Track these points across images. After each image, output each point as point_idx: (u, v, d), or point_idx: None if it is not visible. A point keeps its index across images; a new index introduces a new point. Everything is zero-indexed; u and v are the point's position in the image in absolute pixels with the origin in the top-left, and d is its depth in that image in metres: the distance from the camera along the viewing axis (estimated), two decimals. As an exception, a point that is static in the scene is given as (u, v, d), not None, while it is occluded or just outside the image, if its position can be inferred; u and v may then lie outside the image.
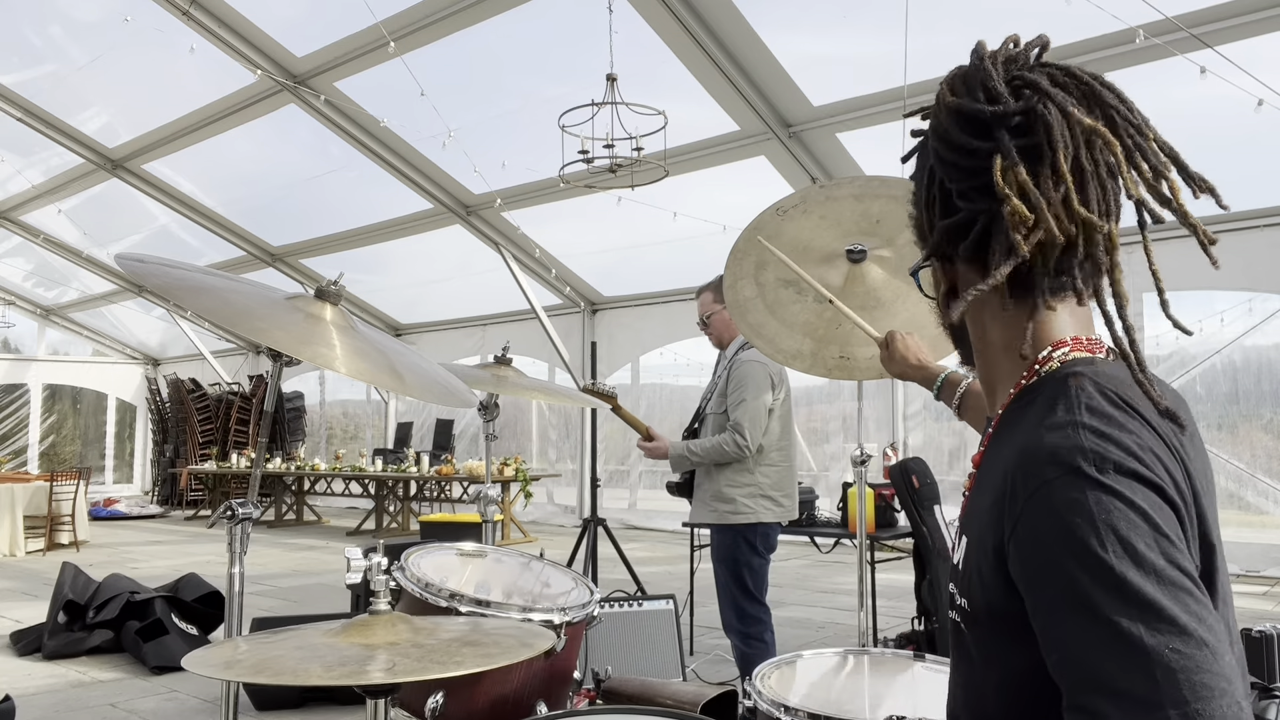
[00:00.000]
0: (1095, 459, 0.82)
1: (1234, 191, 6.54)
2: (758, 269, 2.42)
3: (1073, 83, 0.96)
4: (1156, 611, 0.76)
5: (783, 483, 3.79)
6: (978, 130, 0.95)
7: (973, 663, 0.96)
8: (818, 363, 2.33)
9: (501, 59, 8.32)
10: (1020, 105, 0.93)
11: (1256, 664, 3.60)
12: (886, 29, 6.29)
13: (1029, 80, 0.95)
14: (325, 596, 7.20)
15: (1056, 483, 0.83)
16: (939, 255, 1.04)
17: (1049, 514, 0.82)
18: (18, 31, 9.54)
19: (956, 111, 0.97)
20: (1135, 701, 0.74)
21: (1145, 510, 0.80)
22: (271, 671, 1.38)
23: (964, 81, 0.98)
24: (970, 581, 0.94)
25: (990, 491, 0.92)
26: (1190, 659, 0.74)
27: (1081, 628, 0.78)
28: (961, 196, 0.97)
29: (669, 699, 2.31)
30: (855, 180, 2.47)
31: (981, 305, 1.01)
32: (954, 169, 0.97)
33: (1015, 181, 0.91)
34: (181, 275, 1.80)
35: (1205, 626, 0.76)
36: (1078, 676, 0.78)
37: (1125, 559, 0.78)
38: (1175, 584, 0.77)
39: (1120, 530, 0.79)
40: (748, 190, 8.44)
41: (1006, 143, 0.92)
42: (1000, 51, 1.00)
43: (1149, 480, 0.83)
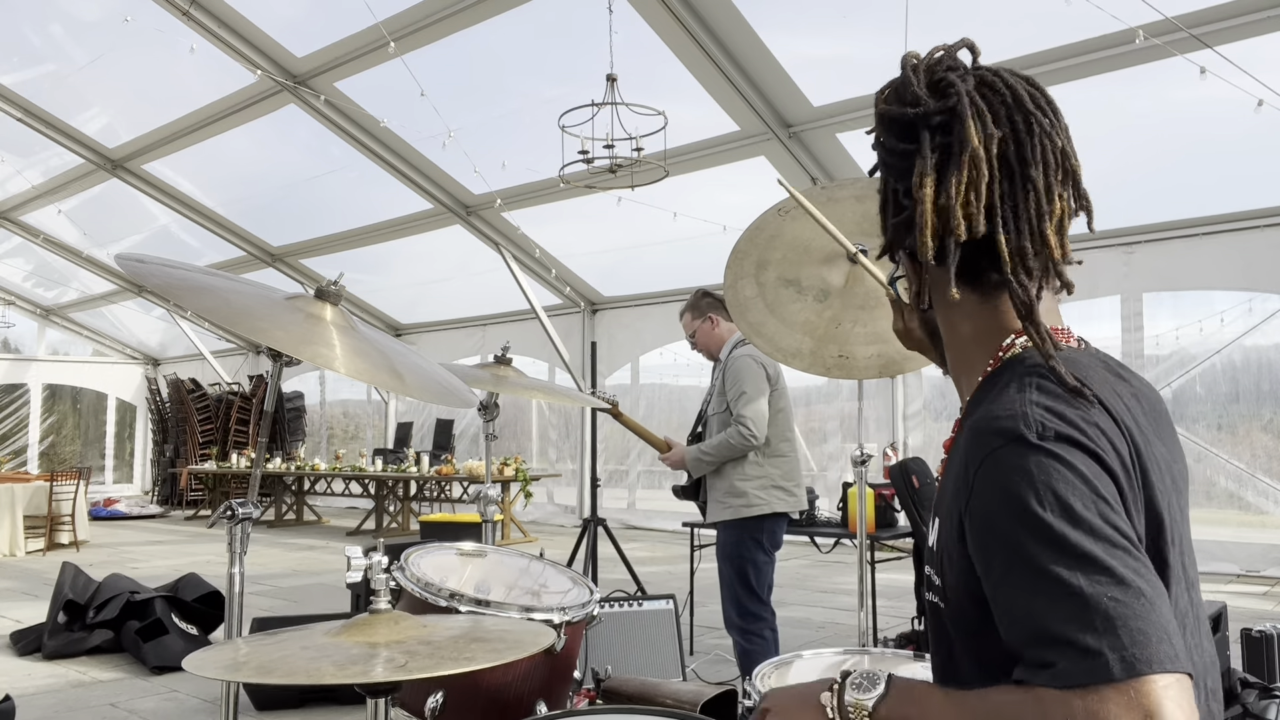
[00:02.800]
0: (1037, 427, 0.87)
1: (1234, 191, 6.54)
2: (758, 269, 2.42)
3: (999, 83, 1.00)
4: (1093, 563, 0.79)
5: (791, 473, 3.86)
6: (904, 133, 1.02)
7: (950, 641, 0.99)
8: (816, 362, 2.33)
9: (501, 59, 8.32)
10: (939, 105, 0.99)
11: (1257, 664, 3.60)
12: (886, 29, 6.29)
13: (950, 80, 1.00)
14: (325, 596, 7.20)
15: (1001, 450, 0.87)
16: (905, 254, 1.10)
17: (994, 480, 0.87)
18: (18, 31, 9.55)
19: (885, 117, 1.05)
20: (1077, 648, 0.76)
21: (1083, 473, 0.84)
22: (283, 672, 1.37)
23: (895, 90, 1.05)
24: (943, 561, 0.97)
25: (953, 472, 0.97)
26: (1128, 606, 0.77)
27: (1024, 583, 0.81)
28: (905, 195, 1.03)
29: (669, 699, 2.31)
30: (857, 181, 2.47)
31: (950, 302, 1.06)
32: (892, 170, 1.05)
33: (930, 182, 0.98)
34: (181, 275, 1.80)
35: (1143, 579, 0.79)
36: (1023, 632, 0.81)
37: (1062, 516, 0.82)
38: (1112, 541, 0.81)
39: (1058, 490, 0.83)
40: (748, 190, 8.44)
41: (925, 144, 0.99)
42: (926, 58, 1.06)
43: (1087, 448, 0.87)
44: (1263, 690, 3.09)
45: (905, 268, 1.12)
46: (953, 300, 1.03)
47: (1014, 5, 6.16)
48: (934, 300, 1.10)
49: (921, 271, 1.08)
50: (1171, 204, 7.50)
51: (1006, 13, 6.26)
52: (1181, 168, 7.35)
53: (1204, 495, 7.68)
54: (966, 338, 1.07)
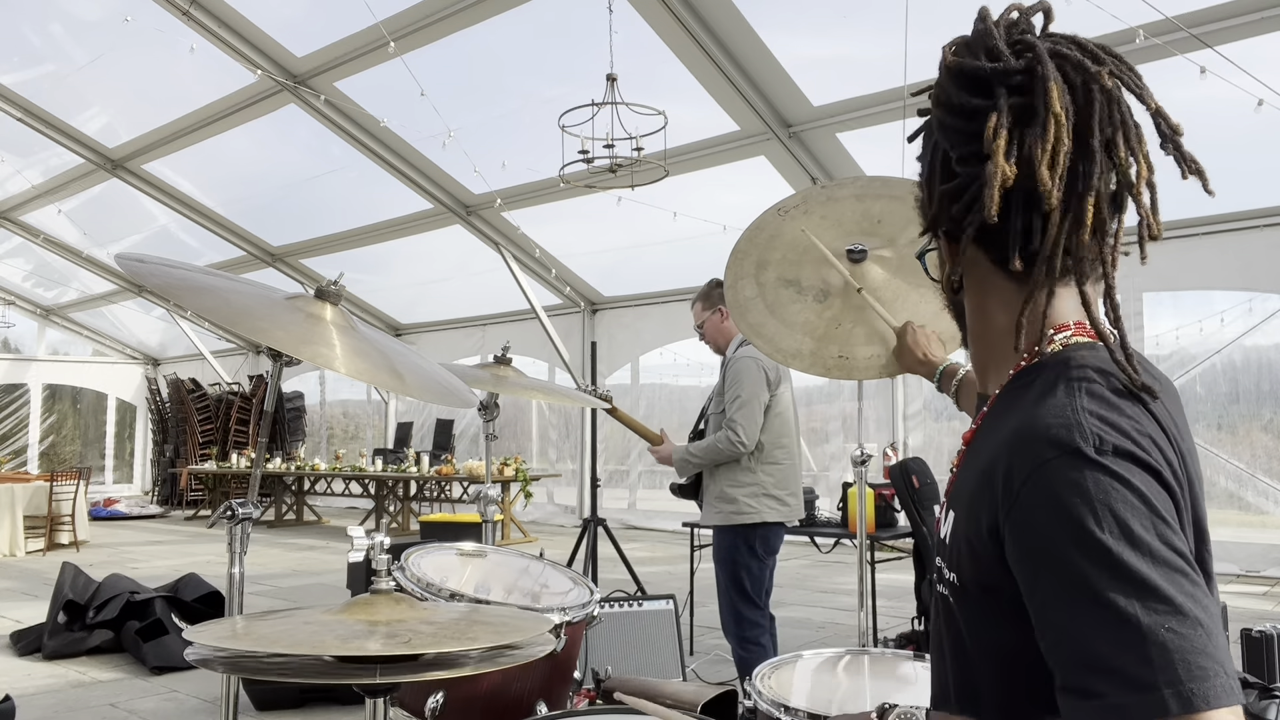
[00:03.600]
0: (1094, 440, 0.83)
1: (1234, 191, 6.51)
2: (758, 269, 2.42)
3: (1076, 48, 0.95)
4: (1152, 591, 0.76)
5: (786, 481, 3.74)
6: (977, 88, 0.95)
7: (961, 638, 0.96)
8: (817, 362, 2.33)
9: (501, 59, 8.31)
10: (1020, 64, 0.93)
11: (1257, 664, 3.60)
12: (886, 29, 6.29)
13: (1030, 43, 0.95)
14: (325, 596, 7.20)
15: (1054, 463, 0.83)
16: (943, 230, 1.03)
17: (1046, 494, 0.82)
18: (18, 31, 9.55)
19: (958, 70, 0.97)
20: (1130, 680, 0.74)
21: (1142, 492, 0.80)
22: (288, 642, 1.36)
23: (967, 45, 0.99)
24: (960, 556, 0.94)
25: (982, 469, 0.92)
26: (1186, 639, 0.74)
27: (1077, 607, 0.78)
28: (960, 161, 0.97)
29: (669, 699, 2.31)
30: (857, 180, 2.47)
31: (987, 286, 1.01)
32: (953, 133, 0.98)
33: (1004, 141, 0.91)
34: (181, 275, 1.80)
35: (1200, 607, 0.76)
36: (1071, 656, 0.78)
37: (1122, 540, 0.78)
38: (1171, 565, 0.77)
39: (1118, 511, 0.79)
40: (748, 190, 8.45)
41: (1003, 101, 0.92)
42: (1005, 14, 1.00)
43: (1146, 464, 0.83)
44: (1263, 690, 3.09)
45: (940, 247, 1.06)
46: (993, 288, 0.98)
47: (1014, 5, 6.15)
48: (967, 284, 1.04)
49: (957, 252, 1.03)
50: (1171, 204, 7.41)
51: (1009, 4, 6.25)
52: (1181, 167, 7.35)
53: (1204, 495, 7.68)
54: (1000, 328, 1.01)
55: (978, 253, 1.00)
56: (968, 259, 1.02)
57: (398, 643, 1.36)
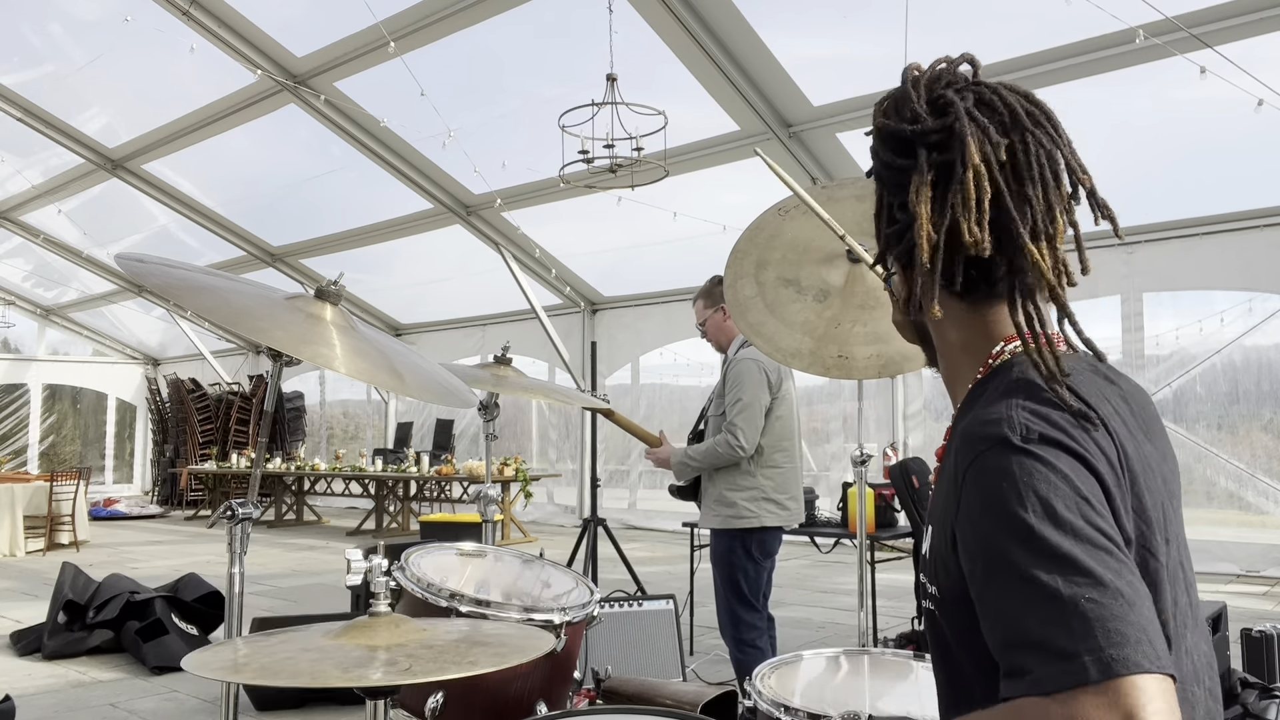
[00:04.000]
0: (1021, 429, 0.87)
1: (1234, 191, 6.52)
2: (758, 268, 2.42)
3: (998, 101, 1.00)
4: (1073, 565, 0.78)
5: (787, 485, 3.70)
6: (901, 149, 1.02)
7: (950, 649, 0.98)
8: (816, 361, 2.33)
9: (501, 59, 8.31)
10: (937, 123, 0.99)
11: (1256, 664, 3.60)
12: (886, 29, 6.29)
13: (949, 99, 1.00)
14: (325, 596, 7.20)
15: (986, 454, 0.88)
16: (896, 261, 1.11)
17: (978, 483, 0.87)
18: (17, 31, 9.55)
19: (884, 133, 1.05)
20: (1053, 651, 0.76)
21: (1066, 475, 0.84)
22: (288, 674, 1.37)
23: (894, 104, 1.05)
24: (937, 568, 0.97)
25: (944, 480, 0.97)
26: (1105, 607, 0.76)
27: (1005, 586, 0.81)
28: (900, 208, 1.04)
29: (669, 699, 2.32)
30: (857, 181, 2.47)
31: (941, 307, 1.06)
32: (889, 184, 1.06)
33: (927, 199, 0.98)
34: (181, 275, 1.80)
35: (1124, 581, 0.78)
36: (1003, 637, 0.80)
37: (1044, 518, 0.81)
38: (1093, 542, 0.80)
39: (1040, 491, 0.82)
40: (748, 190, 8.43)
41: (923, 161, 0.99)
42: (926, 72, 1.06)
43: (1072, 450, 0.86)
44: (1263, 690, 3.09)
45: (897, 274, 1.12)
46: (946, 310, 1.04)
47: (1014, 5, 6.15)
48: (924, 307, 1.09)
49: (912, 279, 1.08)
50: (1171, 204, 7.50)
51: (1006, 12, 6.25)
52: (1181, 168, 7.36)
53: (1204, 495, 7.68)
54: (956, 346, 1.08)
55: (929, 278, 1.04)
56: (922, 285, 1.07)
57: (398, 670, 1.37)
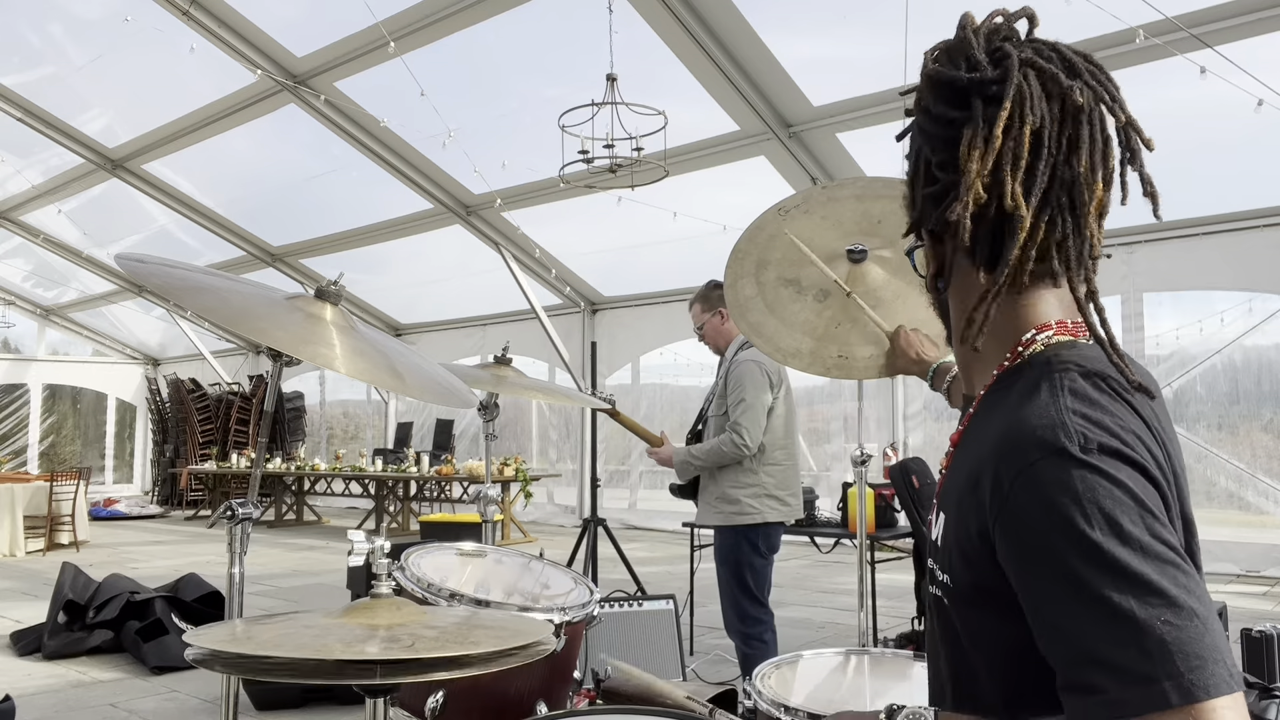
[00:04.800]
0: (1080, 439, 0.83)
1: (1234, 191, 6.50)
2: (758, 268, 2.42)
3: (1057, 57, 0.95)
4: (1146, 585, 0.76)
5: (787, 481, 3.79)
6: (954, 99, 0.95)
7: (958, 638, 0.96)
8: (816, 361, 2.33)
9: (501, 59, 8.31)
10: (997, 74, 0.93)
11: (1257, 664, 3.60)
12: (886, 29, 6.29)
13: (1008, 51, 0.95)
14: (325, 596, 7.20)
15: (1041, 464, 0.83)
16: (928, 233, 1.04)
17: (1035, 495, 0.83)
18: (17, 31, 9.54)
19: (935, 79, 0.98)
20: (1130, 674, 0.74)
21: (1130, 488, 0.81)
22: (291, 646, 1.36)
23: (947, 53, 0.99)
24: (951, 558, 0.94)
25: (969, 471, 0.93)
26: (1182, 630, 0.75)
27: (1073, 605, 0.79)
28: (940, 167, 0.97)
29: (669, 699, 2.31)
30: (857, 181, 2.47)
31: (970, 286, 1.01)
32: (933, 139, 0.98)
33: (980, 154, 0.92)
34: (181, 275, 1.80)
35: (1195, 598, 0.77)
36: (1071, 653, 0.79)
37: (1112, 536, 0.78)
38: (1162, 558, 0.78)
39: (1106, 508, 0.79)
40: (748, 190, 8.44)
41: (978, 112, 0.93)
42: (985, 23, 1.00)
43: (1132, 459, 0.83)
44: (1263, 690, 3.09)
45: (926, 246, 1.06)
46: (976, 290, 0.98)
47: (1014, 5, 6.15)
48: (951, 285, 1.05)
49: (943, 251, 1.03)
50: (1171, 204, 7.47)
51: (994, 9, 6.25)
52: (1181, 168, 7.35)
53: (1204, 495, 7.68)
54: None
55: (961, 254, 1.00)
56: (954, 259, 1.02)
57: (401, 647, 1.36)
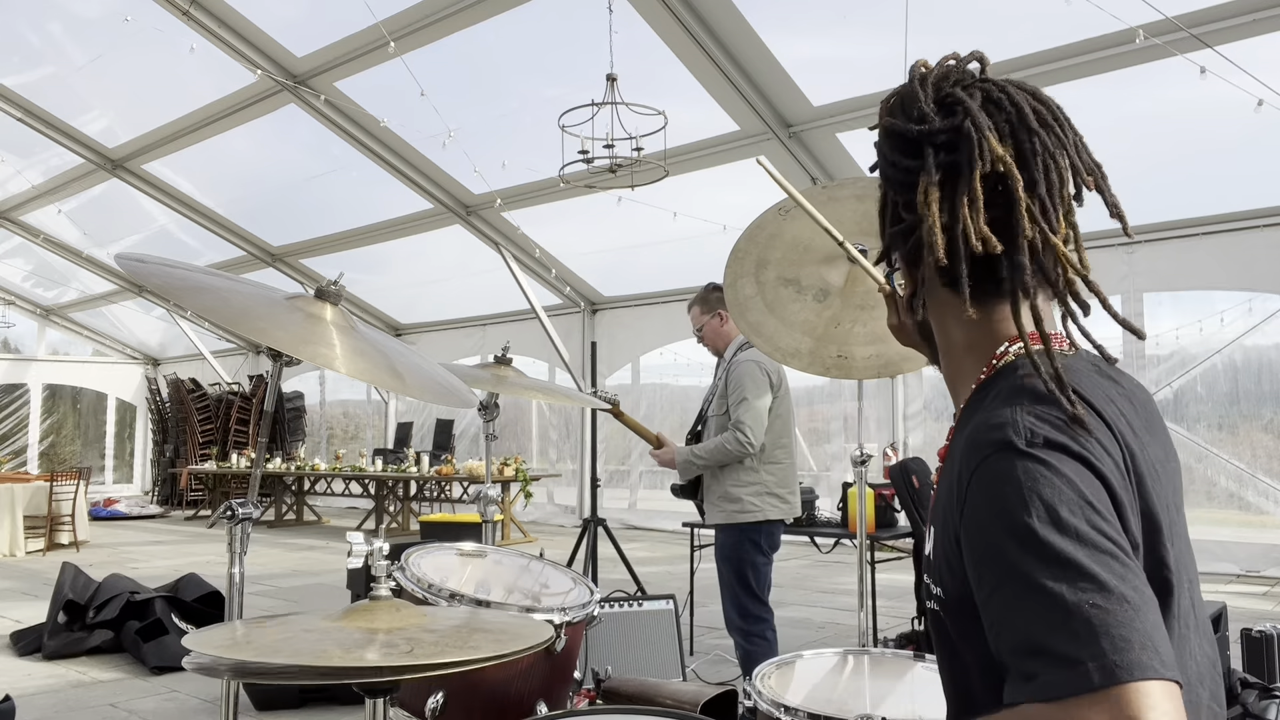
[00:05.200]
0: (1026, 434, 0.86)
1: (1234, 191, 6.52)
2: (758, 268, 2.42)
3: (1005, 99, 0.99)
4: (1077, 569, 0.78)
5: (787, 480, 3.84)
6: (908, 149, 1.01)
7: (955, 650, 0.98)
8: (815, 361, 2.33)
9: (501, 59, 8.31)
10: (946, 124, 0.98)
11: (1256, 664, 3.60)
12: (886, 29, 6.29)
13: (957, 97, 0.99)
14: (325, 596, 7.20)
15: (990, 458, 0.87)
16: (903, 260, 1.10)
17: (982, 488, 0.87)
18: (17, 31, 9.54)
19: (890, 131, 1.04)
20: (1058, 657, 0.75)
21: (1071, 479, 0.83)
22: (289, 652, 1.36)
23: (901, 102, 1.04)
24: (941, 570, 0.97)
25: (947, 482, 0.96)
26: (1110, 614, 0.76)
27: (1010, 592, 0.81)
28: (905, 208, 1.03)
29: (669, 699, 2.31)
30: (857, 181, 2.47)
31: (944, 308, 1.06)
32: (894, 183, 1.05)
33: (935, 200, 0.97)
34: (181, 275, 1.80)
35: (1129, 586, 0.78)
36: (1010, 642, 0.80)
37: (1048, 523, 0.81)
38: (1098, 547, 0.80)
39: (1044, 496, 0.82)
40: (748, 190, 8.42)
41: (930, 162, 0.98)
42: (934, 71, 1.05)
43: (1077, 454, 0.86)
44: (1263, 690, 3.09)
45: (902, 271, 1.11)
46: (950, 310, 1.03)
47: (1014, 5, 6.15)
48: (929, 305, 1.09)
49: (916, 278, 1.08)
50: (1171, 204, 7.50)
51: (1006, 13, 6.25)
52: (1181, 168, 7.36)
53: (1204, 495, 7.68)
54: (960, 345, 1.06)
55: (933, 275, 1.04)
56: (927, 284, 1.07)
57: (400, 652, 1.36)
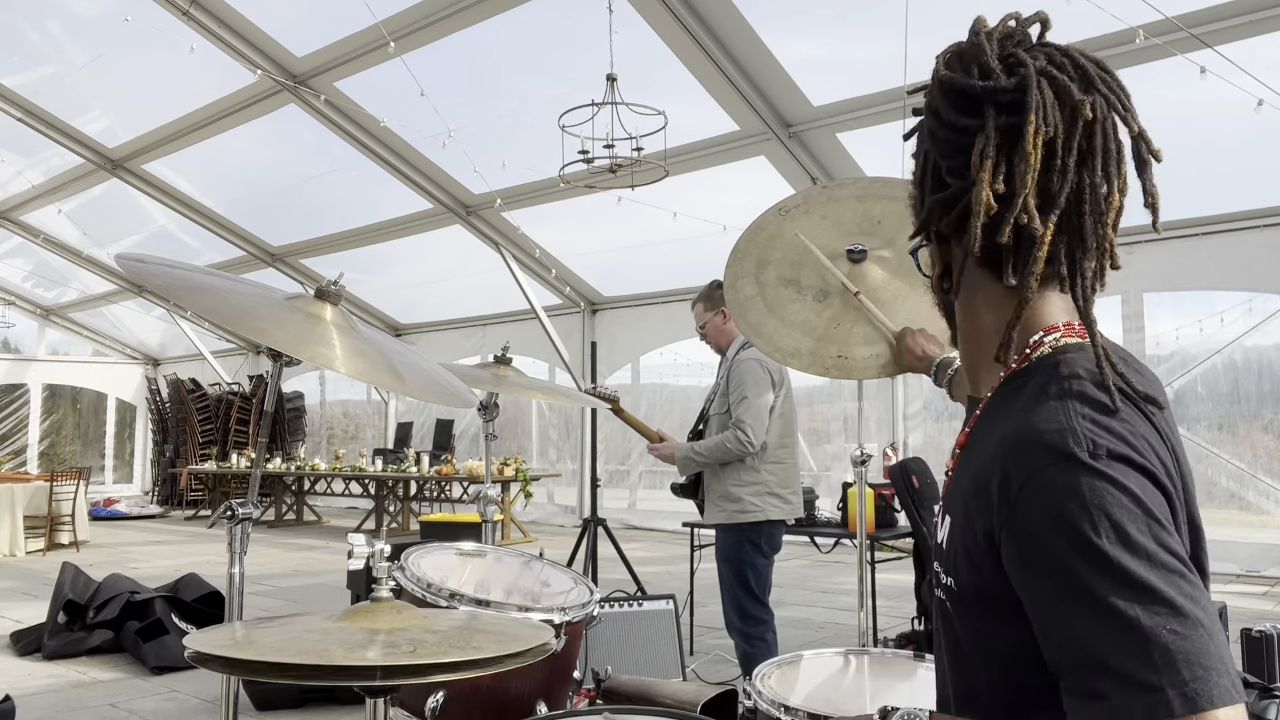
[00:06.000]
0: (1088, 445, 0.83)
1: (1234, 191, 6.51)
2: (758, 268, 2.42)
3: (1070, 64, 0.94)
4: (1151, 593, 0.76)
5: (789, 480, 3.83)
6: (967, 107, 0.95)
7: (960, 642, 0.97)
8: (815, 361, 2.33)
9: (501, 59, 8.31)
10: (1012, 82, 0.92)
11: (1257, 664, 3.60)
12: (886, 29, 6.29)
13: (1023, 59, 0.94)
14: (325, 596, 7.20)
15: (1050, 469, 0.83)
16: (934, 234, 1.04)
17: (1043, 501, 0.83)
18: (17, 30, 9.54)
19: (949, 86, 0.96)
20: (1135, 682, 0.74)
21: (1137, 495, 0.81)
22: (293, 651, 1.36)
23: (959, 57, 0.98)
24: (956, 561, 0.94)
25: (976, 473, 0.92)
26: (1187, 639, 0.75)
27: (1078, 612, 0.79)
28: (950, 173, 0.97)
29: (669, 699, 2.31)
30: (858, 181, 2.47)
31: (975, 288, 1.01)
32: (943, 144, 0.98)
33: (990, 164, 0.91)
34: (181, 275, 1.80)
35: (1199, 607, 0.77)
36: (1076, 659, 0.78)
37: (1119, 543, 0.78)
38: (1168, 567, 0.78)
39: (1113, 515, 0.79)
40: (748, 190, 8.45)
41: (991, 122, 0.92)
42: (998, 28, 0.99)
43: (1140, 466, 0.83)
44: (1263, 690, 3.09)
45: (932, 247, 1.06)
46: (982, 292, 0.99)
47: (1013, 5, 6.15)
48: (961, 286, 1.04)
49: (949, 254, 1.03)
50: (1171, 204, 7.48)
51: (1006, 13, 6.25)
52: (1181, 168, 7.35)
53: (1204, 495, 7.69)
54: (989, 329, 1.01)
55: (966, 253, 1.00)
56: (960, 261, 1.02)
57: (402, 652, 1.36)
